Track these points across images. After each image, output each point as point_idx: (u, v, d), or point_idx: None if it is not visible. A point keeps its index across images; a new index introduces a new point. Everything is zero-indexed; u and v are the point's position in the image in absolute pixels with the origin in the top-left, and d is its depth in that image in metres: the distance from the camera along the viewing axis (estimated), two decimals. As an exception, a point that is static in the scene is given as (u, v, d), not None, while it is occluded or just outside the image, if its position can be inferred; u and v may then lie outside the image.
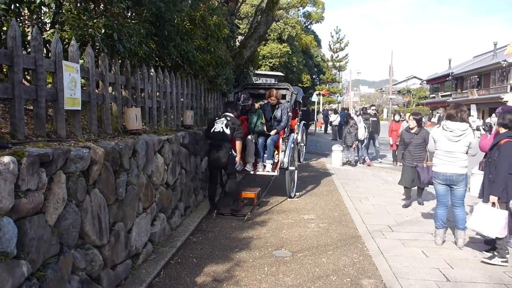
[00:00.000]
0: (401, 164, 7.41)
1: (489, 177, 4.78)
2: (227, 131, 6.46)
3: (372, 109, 14.06)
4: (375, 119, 13.11)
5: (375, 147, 13.33)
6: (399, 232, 5.82)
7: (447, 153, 5.08)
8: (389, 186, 9.20)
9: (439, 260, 4.75)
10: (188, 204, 6.22)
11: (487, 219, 4.59)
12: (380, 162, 13.13)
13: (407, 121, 10.09)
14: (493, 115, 21.08)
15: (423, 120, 10.04)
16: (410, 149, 7.10)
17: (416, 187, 7.46)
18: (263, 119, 7.45)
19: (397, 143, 8.68)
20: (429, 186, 6.51)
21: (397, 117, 12.47)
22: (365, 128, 12.33)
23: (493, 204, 4.60)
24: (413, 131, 7.15)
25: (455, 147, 5.03)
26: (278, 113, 7.60)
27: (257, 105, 7.91)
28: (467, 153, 5.05)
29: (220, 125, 6.52)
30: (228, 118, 6.59)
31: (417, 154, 7.06)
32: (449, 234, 5.58)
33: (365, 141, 12.52)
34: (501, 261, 4.60)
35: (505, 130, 4.76)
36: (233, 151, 6.62)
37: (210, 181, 6.83)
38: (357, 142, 12.27)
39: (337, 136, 14.81)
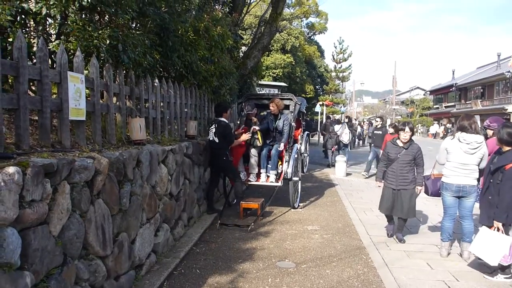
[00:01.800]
0: (380, 184, 6.00)
1: (489, 199, 4.54)
2: (216, 140, 6.71)
3: (377, 121, 12.71)
4: (379, 132, 11.92)
5: (369, 159, 12.39)
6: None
7: (461, 165, 4.98)
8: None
9: (445, 272, 4.70)
10: (191, 215, 6.21)
11: (490, 244, 4.39)
12: (363, 174, 12.30)
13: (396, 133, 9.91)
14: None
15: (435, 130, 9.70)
16: (395, 167, 5.71)
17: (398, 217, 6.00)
18: (259, 135, 7.42)
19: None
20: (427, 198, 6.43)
21: (390, 130, 10.98)
22: (349, 134, 14.26)
23: (497, 229, 4.41)
24: (402, 144, 5.75)
25: (470, 159, 4.94)
26: (280, 123, 7.59)
27: (254, 119, 7.86)
28: (478, 165, 4.98)
29: (211, 134, 6.80)
30: (217, 125, 6.74)
31: (403, 175, 5.66)
32: (454, 246, 5.53)
33: (349, 145, 14.51)
34: (504, 277, 4.51)
35: (509, 148, 4.48)
36: (228, 155, 6.76)
37: (210, 183, 7.13)
38: (336, 146, 14.40)
39: (348, 147, 14.84)
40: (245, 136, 7.14)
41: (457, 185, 5.00)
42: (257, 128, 7.31)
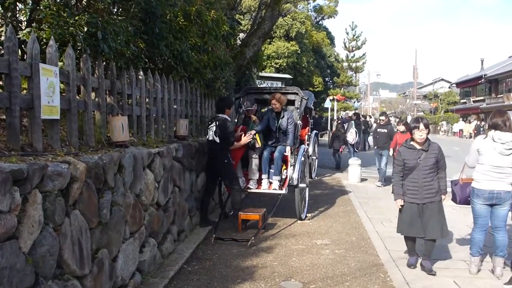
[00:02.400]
0: (402, 202, 5.35)
1: None
2: (217, 140, 6.74)
3: (382, 119, 12.49)
4: (384, 130, 11.76)
5: (380, 168, 11.88)
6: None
7: (494, 168, 4.98)
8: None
9: (475, 292, 4.70)
10: (182, 228, 6.22)
11: None
12: (379, 186, 11.78)
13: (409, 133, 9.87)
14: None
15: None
16: (416, 176, 5.20)
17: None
18: (258, 137, 7.38)
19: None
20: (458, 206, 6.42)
21: (401, 128, 11.04)
22: (356, 133, 14.55)
23: None
24: (419, 146, 5.24)
25: (505, 161, 4.94)
26: (283, 122, 7.54)
27: (253, 118, 7.86)
28: None
29: (211, 133, 6.84)
30: (217, 123, 6.77)
31: (427, 184, 5.19)
32: (485, 261, 5.53)
33: (355, 145, 14.77)
34: None
35: None
36: (230, 158, 6.75)
37: (205, 191, 7.15)
38: (344, 146, 14.62)
39: (354, 148, 14.96)
40: (246, 139, 7.14)
41: (490, 191, 5.00)
42: (253, 132, 7.28)
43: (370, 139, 17.83)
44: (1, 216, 2.49)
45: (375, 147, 12.17)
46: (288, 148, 7.42)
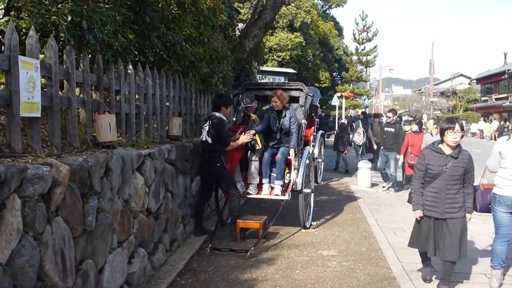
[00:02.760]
0: (421, 212, 5.07)
1: None
2: (209, 140, 6.72)
3: (389, 116, 12.19)
4: (392, 129, 11.52)
5: (389, 173, 11.68)
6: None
7: None
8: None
9: (497, 308, 4.70)
10: (175, 237, 6.22)
11: None
12: (388, 191, 11.72)
13: (431, 133, 9.65)
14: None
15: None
16: (438, 185, 4.90)
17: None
18: (258, 138, 7.37)
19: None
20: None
21: (414, 127, 10.90)
22: (364, 133, 14.53)
23: None
24: (449, 151, 4.91)
25: None
26: (285, 122, 7.52)
27: (253, 117, 7.82)
28: None
29: (204, 133, 6.82)
30: (211, 122, 6.75)
31: (451, 197, 4.88)
32: (508, 275, 5.53)
33: (362, 147, 14.88)
34: None
35: None
36: (223, 162, 6.73)
37: (200, 196, 7.16)
38: (348, 147, 14.84)
39: (364, 149, 15.00)
40: (244, 138, 7.10)
41: None
42: (252, 132, 7.25)
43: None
44: (-24, 224, 2.50)
45: (381, 148, 11.98)
46: (292, 151, 7.40)
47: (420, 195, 5.05)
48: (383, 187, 11.96)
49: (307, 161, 7.72)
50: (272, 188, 7.45)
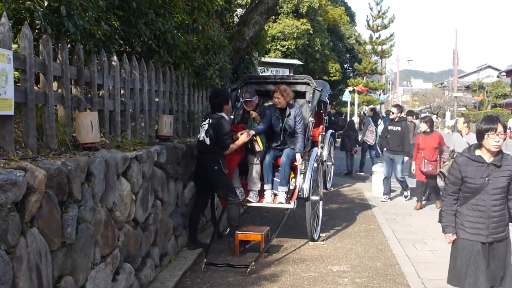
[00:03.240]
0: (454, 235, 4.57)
1: None
2: (207, 141, 6.74)
3: (393, 111, 11.83)
4: (397, 128, 11.06)
5: (397, 178, 11.28)
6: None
7: None
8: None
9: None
10: (165, 250, 6.22)
11: None
12: (384, 200, 11.42)
13: (461, 133, 9.62)
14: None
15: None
16: (482, 201, 4.37)
17: None
18: (258, 138, 7.31)
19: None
20: None
21: (424, 126, 10.21)
22: (376, 131, 15.09)
23: None
24: (491, 158, 4.33)
25: None
26: (290, 121, 7.49)
27: (253, 114, 7.76)
28: None
29: (202, 132, 6.84)
30: (211, 121, 6.77)
31: (497, 214, 4.37)
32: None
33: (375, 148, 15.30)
34: None
35: None
36: (222, 165, 6.71)
37: (194, 205, 7.18)
38: (356, 147, 15.23)
39: (378, 151, 15.07)
40: (243, 138, 7.08)
41: None
42: (252, 132, 7.21)
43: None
44: None
45: (385, 150, 11.34)
46: (298, 156, 7.35)
47: (453, 214, 4.52)
48: (405, 196, 11.72)
49: (315, 165, 7.71)
50: (275, 195, 7.44)
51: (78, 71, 4.75)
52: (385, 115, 21.75)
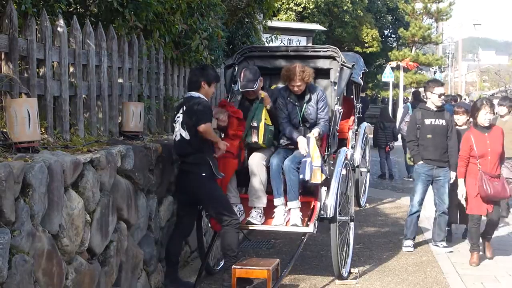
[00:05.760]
0: None
1: None
2: (186, 136, 6.54)
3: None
4: (441, 122, 9.00)
5: (443, 211, 9.91)
6: None
7: None
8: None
9: None
10: (133, 292, 6.22)
11: None
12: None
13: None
14: None
15: None
16: None
17: None
18: (268, 119, 7.21)
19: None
20: None
21: (484, 118, 8.21)
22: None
23: None
24: None
25: None
26: (310, 108, 7.37)
27: (262, 94, 7.43)
28: None
29: (177, 127, 6.68)
30: (185, 108, 6.61)
31: None
32: None
33: None
34: None
35: None
36: (212, 170, 6.54)
37: (174, 228, 7.10)
38: (392, 142, 15.76)
39: None
40: (221, 145, 6.81)
41: None
42: (225, 147, 6.88)
43: None
44: None
45: (420, 162, 9.22)
46: (313, 139, 6.99)
47: None
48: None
49: (344, 172, 7.64)
50: (287, 212, 7.24)
51: (10, 41, 4.75)
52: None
